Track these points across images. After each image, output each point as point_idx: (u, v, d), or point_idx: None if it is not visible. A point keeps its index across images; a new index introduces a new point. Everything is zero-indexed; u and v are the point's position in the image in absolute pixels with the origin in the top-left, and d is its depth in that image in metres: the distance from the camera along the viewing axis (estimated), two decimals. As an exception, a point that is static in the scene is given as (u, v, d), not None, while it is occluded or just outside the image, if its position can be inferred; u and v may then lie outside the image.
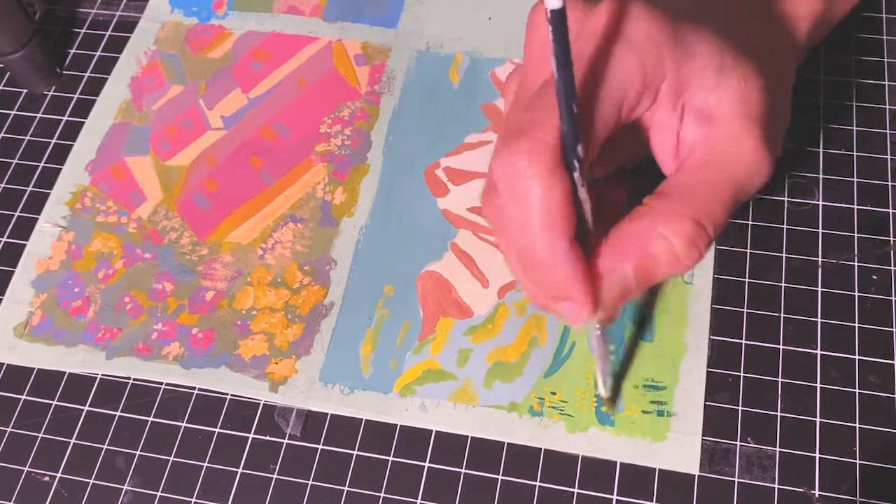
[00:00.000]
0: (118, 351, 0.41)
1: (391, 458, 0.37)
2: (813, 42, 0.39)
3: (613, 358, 0.38)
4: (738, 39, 0.31)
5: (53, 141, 0.48)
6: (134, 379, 0.40)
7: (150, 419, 0.39)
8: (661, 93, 0.30)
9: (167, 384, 0.40)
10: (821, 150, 0.43)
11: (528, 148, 0.28)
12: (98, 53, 0.50)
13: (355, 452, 0.38)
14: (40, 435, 0.39)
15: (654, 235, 0.29)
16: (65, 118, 0.48)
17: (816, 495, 0.35)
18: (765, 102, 0.31)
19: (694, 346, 0.38)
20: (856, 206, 0.41)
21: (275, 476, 0.38)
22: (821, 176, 0.42)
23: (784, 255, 0.40)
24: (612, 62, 0.29)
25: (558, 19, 0.25)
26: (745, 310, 0.39)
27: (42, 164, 0.47)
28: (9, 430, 0.40)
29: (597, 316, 0.30)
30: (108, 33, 0.51)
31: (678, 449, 0.36)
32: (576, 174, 0.28)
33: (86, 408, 0.40)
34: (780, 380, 0.38)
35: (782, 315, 0.39)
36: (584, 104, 0.29)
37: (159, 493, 0.38)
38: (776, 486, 0.35)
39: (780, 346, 0.38)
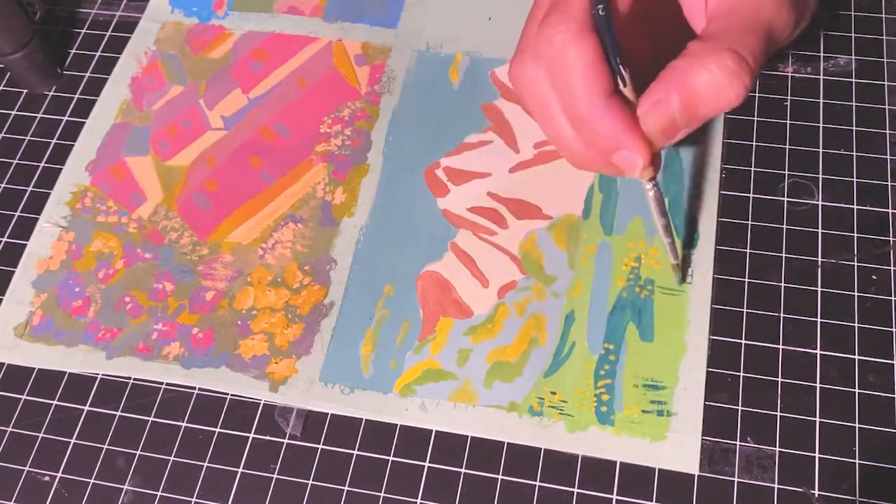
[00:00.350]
0: (118, 351, 0.41)
1: (391, 458, 0.37)
2: None
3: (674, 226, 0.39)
4: None
5: (54, 141, 0.48)
6: (134, 379, 0.40)
7: (151, 419, 0.39)
8: None
9: (167, 384, 0.40)
10: (821, 150, 0.43)
11: (557, 20, 0.32)
12: (98, 53, 0.50)
13: (355, 452, 0.38)
14: (40, 435, 0.39)
15: (697, 67, 0.31)
16: (65, 118, 0.48)
17: (816, 495, 0.35)
18: None
19: (694, 346, 0.38)
20: (855, 206, 0.41)
21: (275, 476, 0.38)
22: (821, 176, 0.42)
23: (784, 255, 0.40)
24: None
25: None
26: (745, 310, 0.39)
27: (42, 164, 0.47)
28: (9, 430, 0.40)
29: (649, 161, 0.33)
30: (109, 33, 0.51)
31: (678, 449, 0.36)
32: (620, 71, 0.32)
33: (86, 408, 0.40)
34: (779, 380, 0.38)
35: (782, 315, 0.39)
36: None
37: (159, 493, 0.38)
38: (776, 485, 0.35)
39: (780, 346, 0.38)
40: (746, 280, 0.40)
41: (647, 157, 0.33)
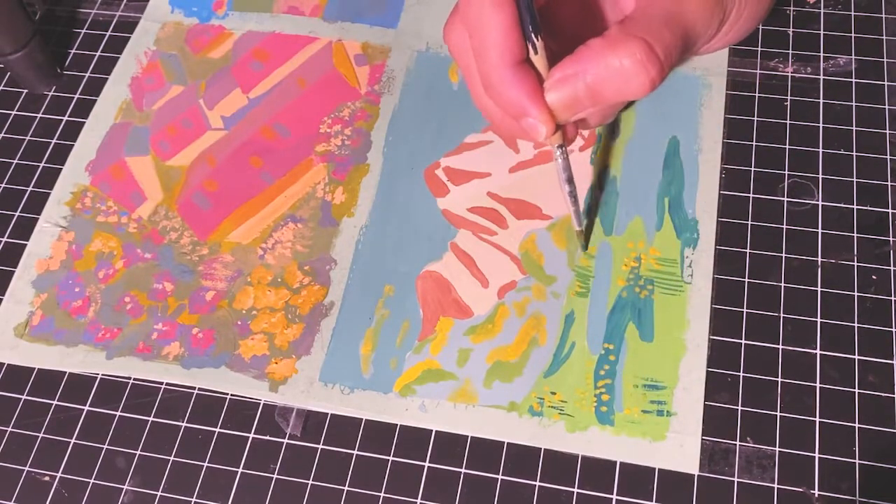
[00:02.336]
0: (118, 351, 0.41)
1: (391, 458, 0.37)
2: None
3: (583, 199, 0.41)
4: None
5: (54, 141, 0.48)
6: (134, 379, 0.40)
7: (151, 419, 0.39)
8: None
9: (167, 384, 0.40)
10: (821, 150, 0.43)
11: None
12: (98, 53, 0.50)
13: (355, 452, 0.38)
14: (40, 435, 0.39)
15: (608, 52, 0.32)
16: (65, 118, 0.48)
17: (816, 495, 0.35)
18: None
19: (694, 346, 0.38)
20: (855, 206, 0.41)
21: (275, 476, 0.38)
22: (821, 176, 0.42)
23: (784, 255, 0.40)
24: None
25: None
26: (745, 310, 0.39)
27: (42, 164, 0.47)
28: (9, 430, 0.40)
29: (552, 130, 0.34)
30: (109, 33, 0.51)
31: (678, 449, 0.36)
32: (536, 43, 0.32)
33: (86, 408, 0.40)
34: (779, 380, 0.38)
35: (782, 315, 0.39)
36: None
37: (159, 493, 0.38)
38: (776, 485, 0.35)
39: (780, 346, 0.38)
40: (746, 280, 0.40)
41: (550, 126, 0.34)
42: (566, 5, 0.37)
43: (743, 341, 0.39)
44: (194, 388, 0.40)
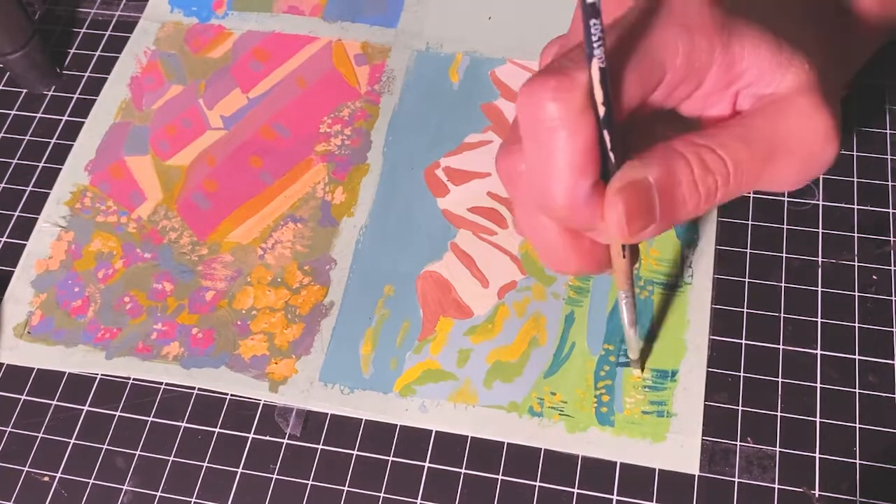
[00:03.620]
0: (118, 351, 0.41)
1: (391, 458, 0.37)
2: (868, 50, 0.35)
3: (639, 328, 0.37)
4: (794, 39, 0.29)
5: (53, 141, 0.48)
6: (134, 379, 0.40)
7: (150, 419, 0.39)
8: (707, 82, 0.28)
9: (167, 384, 0.40)
10: (821, 150, 0.43)
11: (554, 86, 0.25)
12: (98, 53, 0.50)
13: (355, 452, 0.38)
14: (40, 435, 0.39)
15: (676, 154, 0.27)
16: (65, 118, 0.48)
17: (816, 495, 0.35)
18: (830, 87, 0.29)
19: (694, 346, 0.38)
20: (856, 206, 0.41)
21: (275, 476, 0.38)
22: (821, 176, 0.42)
23: (784, 255, 0.40)
24: (655, 33, 0.27)
25: (591, 11, 0.23)
26: (745, 310, 0.39)
27: (42, 164, 0.47)
28: (9, 430, 0.40)
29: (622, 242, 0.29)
30: (108, 33, 0.51)
31: (678, 449, 0.36)
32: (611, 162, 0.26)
33: (86, 408, 0.40)
34: (780, 380, 0.38)
35: (782, 315, 0.39)
36: (615, 66, 0.26)
37: (159, 493, 0.38)
38: (776, 486, 0.35)
39: (780, 346, 0.38)
40: (746, 280, 0.40)
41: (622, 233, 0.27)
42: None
43: (743, 341, 0.38)
44: (194, 388, 0.40)
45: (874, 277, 0.40)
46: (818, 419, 0.37)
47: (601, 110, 0.25)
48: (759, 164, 0.28)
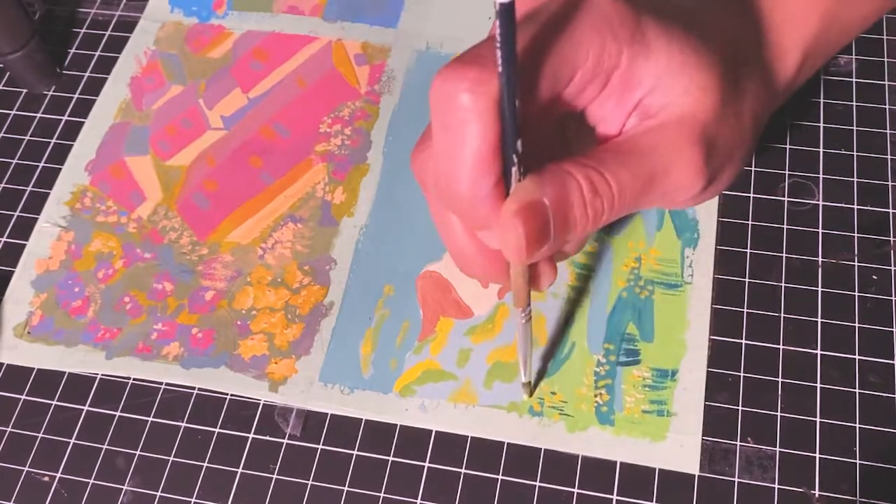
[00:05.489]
0: (118, 351, 0.41)
1: (391, 458, 0.37)
2: (797, 80, 0.34)
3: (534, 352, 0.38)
4: (706, 52, 0.29)
5: (53, 141, 0.48)
6: (134, 379, 0.40)
7: (150, 419, 0.39)
8: (611, 83, 0.29)
9: (167, 384, 0.40)
10: (821, 150, 0.43)
11: (475, 77, 0.25)
12: (98, 53, 0.50)
13: (355, 452, 0.38)
14: (40, 435, 0.39)
15: (568, 175, 0.27)
16: (65, 118, 0.48)
17: (816, 495, 0.35)
18: (721, 121, 0.29)
19: (694, 346, 0.38)
20: (856, 206, 0.41)
21: (275, 476, 0.38)
22: (821, 176, 0.42)
23: (784, 255, 0.40)
24: (570, 31, 0.27)
25: (506, 16, 0.23)
26: (745, 310, 0.39)
27: (42, 164, 0.47)
28: (9, 430, 0.40)
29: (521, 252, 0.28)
30: (108, 33, 0.51)
31: (678, 449, 0.36)
32: (513, 169, 0.27)
33: (86, 408, 0.40)
34: (780, 380, 0.38)
35: (782, 315, 0.39)
36: (530, 64, 0.26)
37: (159, 493, 0.38)
38: (776, 486, 0.35)
39: (780, 346, 0.38)
40: (746, 280, 0.40)
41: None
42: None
43: (743, 341, 0.38)
44: (194, 388, 0.40)
45: (874, 277, 0.40)
46: (818, 419, 0.37)
47: (507, 108, 0.25)
48: (640, 188, 0.29)
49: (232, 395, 0.39)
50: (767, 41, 0.33)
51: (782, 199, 0.42)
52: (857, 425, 0.36)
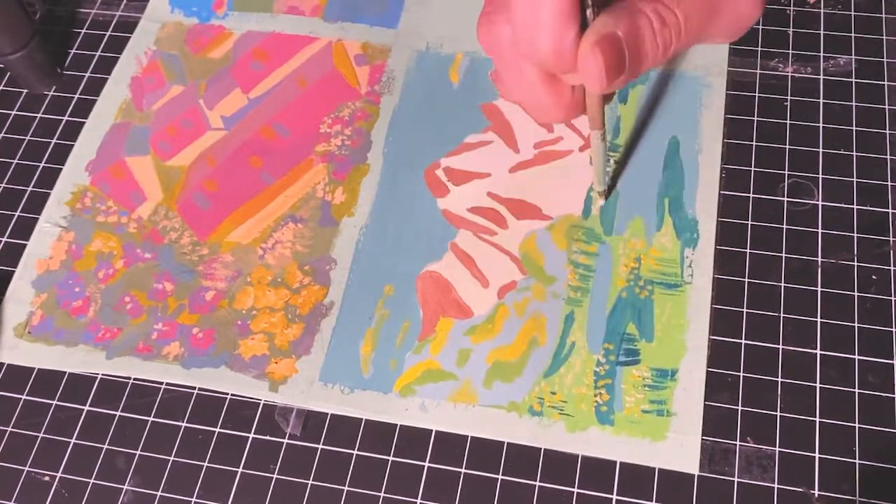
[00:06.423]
0: (118, 351, 0.41)
1: (391, 458, 0.37)
2: None
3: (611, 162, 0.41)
4: None
5: (54, 141, 0.48)
6: (134, 379, 0.40)
7: (150, 419, 0.39)
8: None
9: (167, 384, 0.40)
10: (821, 150, 0.43)
11: None
12: (98, 53, 0.50)
13: (355, 452, 0.38)
14: (40, 435, 0.39)
15: (639, 11, 0.30)
16: (65, 118, 0.48)
17: (816, 495, 0.35)
18: None
19: (694, 346, 0.38)
20: (855, 206, 0.41)
21: (275, 476, 0.38)
22: (821, 176, 0.42)
23: (784, 255, 0.40)
24: None
25: None
26: (745, 310, 0.39)
27: (42, 164, 0.47)
28: (9, 430, 0.40)
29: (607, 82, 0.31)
30: (109, 33, 0.51)
31: (678, 449, 0.36)
32: (588, 11, 0.29)
33: (86, 408, 0.40)
34: (779, 380, 0.38)
35: (782, 315, 0.39)
36: None
37: (159, 493, 0.38)
38: (776, 486, 0.35)
39: (780, 346, 0.38)
40: (746, 280, 0.40)
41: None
42: None
43: (743, 341, 0.39)
44: (194, 388, 0.40)
45: (873, 277, 0.40)
46: (818, 419, 0.37)
47: None
48: (705, 19, 0.31)
49: (232, 394, 0.40)
50: None
51: (782, 199, 0.42)
52: (857, 425, 0.36)
